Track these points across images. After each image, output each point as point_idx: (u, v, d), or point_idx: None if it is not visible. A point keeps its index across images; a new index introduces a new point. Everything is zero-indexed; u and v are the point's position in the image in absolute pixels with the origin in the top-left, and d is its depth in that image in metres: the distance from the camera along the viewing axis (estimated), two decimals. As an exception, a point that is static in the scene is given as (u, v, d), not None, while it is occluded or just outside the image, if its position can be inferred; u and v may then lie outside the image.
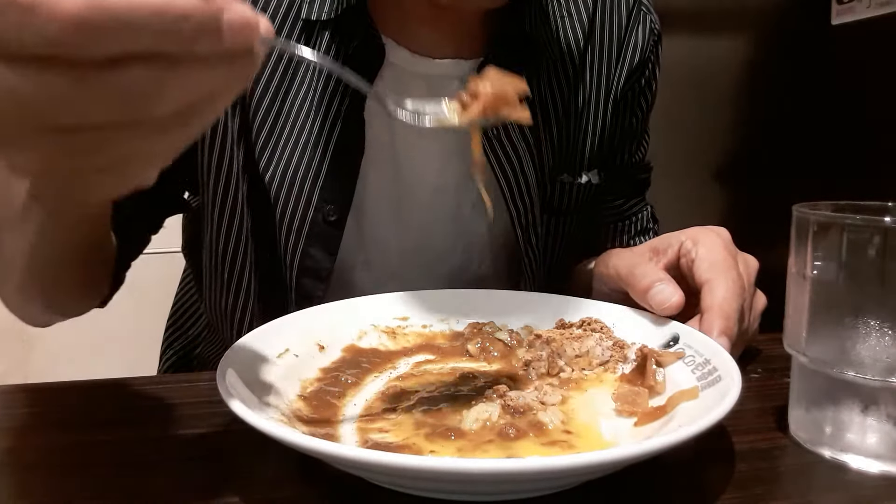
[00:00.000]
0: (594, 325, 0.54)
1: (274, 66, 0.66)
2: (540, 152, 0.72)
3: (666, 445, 0.32)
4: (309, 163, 0.67)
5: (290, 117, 0.67)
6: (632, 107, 0.80)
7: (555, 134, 0.74)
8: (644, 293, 0.54)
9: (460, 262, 0.74)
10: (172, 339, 0.86)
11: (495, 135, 0.69)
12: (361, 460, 0.31)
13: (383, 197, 0.70)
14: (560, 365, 0.50)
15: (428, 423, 0.42)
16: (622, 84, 0.77)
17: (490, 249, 0.75)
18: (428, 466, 0.31)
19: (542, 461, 0.31)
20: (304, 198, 0.66)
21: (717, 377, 0.42)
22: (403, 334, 0.56)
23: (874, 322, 0.38)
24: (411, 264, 0.73)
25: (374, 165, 0.69)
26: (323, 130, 0.66)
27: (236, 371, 0.41)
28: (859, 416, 0.39)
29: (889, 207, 0.41)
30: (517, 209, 0.71)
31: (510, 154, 0.70)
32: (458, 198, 0.72)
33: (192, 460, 0.40)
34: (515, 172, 0.70)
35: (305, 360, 0.49)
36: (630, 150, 0.82)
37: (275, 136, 0.67)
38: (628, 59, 0.77)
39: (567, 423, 0.42)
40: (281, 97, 0.66)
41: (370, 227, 0.71)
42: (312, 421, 0.42)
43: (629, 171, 0.84)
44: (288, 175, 0.66)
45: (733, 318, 0.50)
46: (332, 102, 0.66)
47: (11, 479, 0.40)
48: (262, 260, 0.69)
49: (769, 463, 0.40)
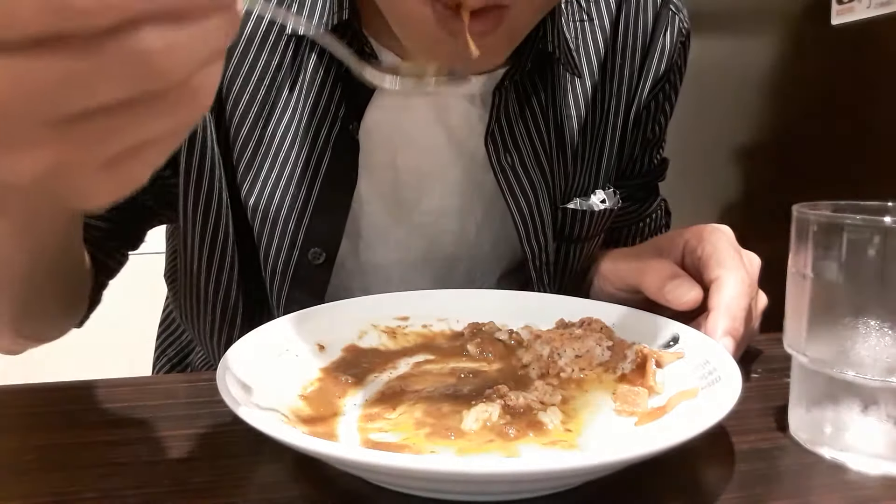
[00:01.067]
0: (594, 325, 0.53)
1: (255, 86, 0.60)
2: (553, 179, 0.67)
3: (666, 445, 0.32)
4: (294, 198, 0.61)
5: (274, 146, 0.61)
6: (655, 116, 0.73)
7: (569, 156, 0.67)
8: (659, 290, 0.52)
9: (464, 286, 0.68)
10: (165, 346, 0.84)
11: (510, 163, 0.64)
12: (361, 460, 0.31)
13: (383, 222, 0.65)
14: (560, 365, 0.50)
15: (428, 423, 0.42)
16: (646, 94, 0.70)
17: (493, 271, 0.70)
18: (428, 466, 0.31)
19: (542, 461, 0.31)
20: (289, 238, 0.61)
21: (717, 377, 0.42)
22: (403, 334, 0.56)
23: (874, 322, 0.38)
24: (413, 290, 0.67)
25: (372, 191, 0.64)
26: (310, 161, 0.61)
27: (236, 371, 0.41)
28: (859, 416, 0.39)
29: (889, 207, 0.41)
30: (531, 248, 0.66)
31: (524, 184, 0.64)
32: (462, 220, 0.67)
33: (192, 460, 0.40)
34: (530, 206, 0.65)
35: (305, 360, 0.49)
36: (650, 157, 0.76)
37: (256, 167, 0.61)
38: (654, 67, 0.69)
39: (567, 423, 0.42)
40: (262, 123, 0.61)
41: (370, 254, 0.66)
42: (312, 421, 0.42)
43: (647, 178, 0.78)
44: (271, 212, 0.61)
45: (740, 319, 0.49)
46: (322, 128, 0.60)
47: (10, 479, 0.40)
48: (249, 293, 0.64)
49: (769, 463, 0.40)
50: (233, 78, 0.60)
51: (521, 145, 0.64)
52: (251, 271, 0.64)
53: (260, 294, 0.64)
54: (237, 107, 0.60)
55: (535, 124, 0.65)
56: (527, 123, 0.65)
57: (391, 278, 0.67)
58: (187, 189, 0.61)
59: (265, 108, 0.61)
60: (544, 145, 0.66)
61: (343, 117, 0.60)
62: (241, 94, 0.60)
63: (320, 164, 0.61)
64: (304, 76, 0.61)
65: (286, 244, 0.62)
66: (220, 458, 0.41)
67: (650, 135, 0.73)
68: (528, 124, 0.65)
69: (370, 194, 0.64)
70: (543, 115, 0.66)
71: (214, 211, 0.61)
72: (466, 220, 0.68)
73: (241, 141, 0.61)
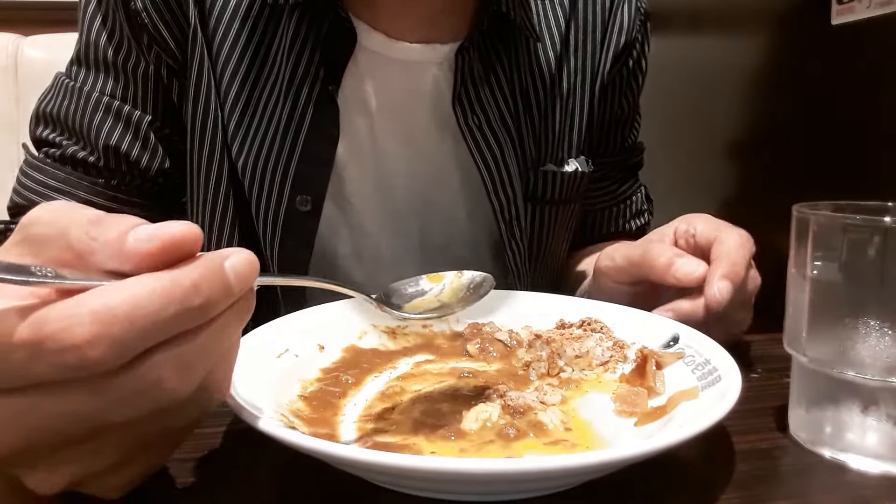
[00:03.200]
0: (594, 325, 0.54)
1: (241, 52, 0.64)
2: (522, 141, 0.71)
3: (666, 445, 0.32)
4: (280, 149, 0.65)
5: (260, 106, 0.65)
6: (622, 91, 0.77)
7: (537, 121, 0.72)
8: (667, 269, 0.53)
9: (447, 253, 0.73)
10: None
11: (477, 124, 0.68)
12: (361, 460, 0.31)
13: (366, 189, 0.69)
14: (560, 365, 0.50)
15: (428, 423, 0.42)
16: (609, 68, 0.75)
17: (473, 242, 0.73)
18: (428, 466, 0.31)
19: (542, 461, 0.31)
20: (277, 187, 0.65)
21: (717, 377, 0.42)
22: (403, 334, 0.56)
23: (874, 322, 0.38)
24: (402, 257, 0.72)
25: (353, 156, 0.67)
26: (294, 115, 0.65)
27: (236, 371, 0.41)
28: (859, 416, 0.39)
29: (889, 207, 0.41)
30: (499, 201, 0.70)
31: (491, 143, 0.68)
32: (438, 187, 0.71)
33: (192, 460, 0.40)
34: (497, 162, 0.69)
35: (305, 360, 0.49)
36: (622, 135, 0.81)
37: (245, 125, 0.65)
38: (614, 41, 0.74)
39: (567, 423, 0.42)
40: (249, 87, 0.65)
41: (356, 219, 0.70)
42: (313, 421, 0.42)
43: (621, 156, 0.82)
44: (260, 163, 0.65)
45: (740, 265, 0.51)
46: (303, 86, 0.64)
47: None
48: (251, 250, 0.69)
49: (769, 463, 0.40)
50: (221, 43, 0.64)
51: (488, 107, 0.68)
52: (248, 232, 0.67)
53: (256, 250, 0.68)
54: (226, 70, 0.64)
55: (500, 88, 0.69)
56: (492, 88, 0.69)
57: (379, 245, 0.71)
58: (192, 147, 0.66)
59: (251, 73, 0.64)
60: (509, 108, 0.70)
61: (323, 79, 0.64)
62: (228, 58, 0.64)
63: (303, 121, 0.65)
64: (285, 42, 0.64)
65: (275, 194, 0.65)
66: (220, 457, 0.41)
67: (618, 110, 0.78)
68: (494, 89, 0.69)
69: (352, 160, 0.68)
70: (508, 79, 0.69)
71: (216, 167, 0.66)
72: (443, 187, 0.71)
73: (231, 102, 0.65)
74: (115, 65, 0.65)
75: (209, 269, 0.27)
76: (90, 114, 0.65)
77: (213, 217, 0.67)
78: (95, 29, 0.66)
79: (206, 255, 0.28)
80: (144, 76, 0.65)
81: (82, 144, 0.66)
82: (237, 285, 0.28)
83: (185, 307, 0.26)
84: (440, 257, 0.72)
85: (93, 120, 0.65)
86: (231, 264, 0.28)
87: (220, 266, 0.27)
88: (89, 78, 0.66)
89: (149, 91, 0.66)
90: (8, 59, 1.27)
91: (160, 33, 0.64)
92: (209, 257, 0.28)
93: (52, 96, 0.67)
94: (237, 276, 0.28)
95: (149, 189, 0.69)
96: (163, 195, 0.70)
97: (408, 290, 0.43)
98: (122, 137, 0.65)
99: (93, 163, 0.66)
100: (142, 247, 0.26)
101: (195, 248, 0.28)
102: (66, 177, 0.65)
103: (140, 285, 0.25)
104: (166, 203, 0.71)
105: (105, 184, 0.66)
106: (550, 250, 0.76)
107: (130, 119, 0.65)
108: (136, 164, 0.66)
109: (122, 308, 0.24)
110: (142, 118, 0.66)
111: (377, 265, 0.72)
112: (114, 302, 0.24)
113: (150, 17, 0.63)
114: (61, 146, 0.66)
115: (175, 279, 0.26)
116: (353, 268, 0.71)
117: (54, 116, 0.66)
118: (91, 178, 0.66)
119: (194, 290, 0.26)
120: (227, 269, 0.28)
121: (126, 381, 0.25)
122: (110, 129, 0.65)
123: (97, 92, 0.66)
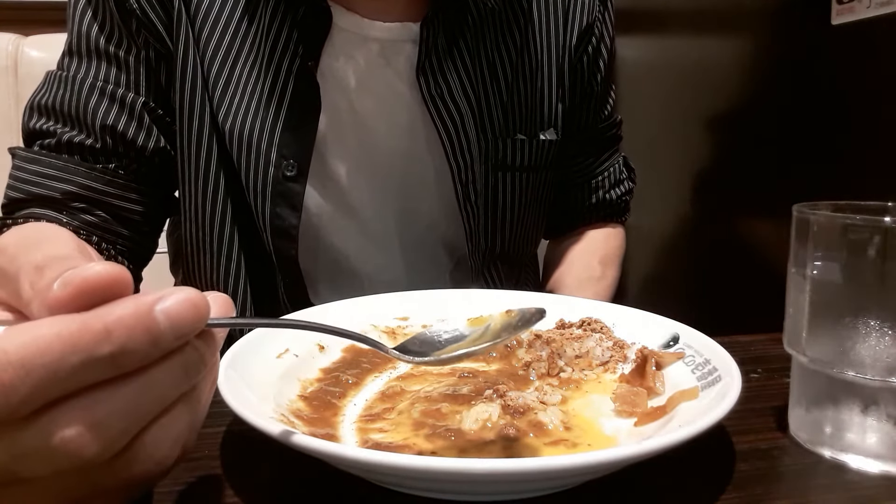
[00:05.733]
0: (594, 325, 0.54)
1: (224, 26, 0.67)
2: (482, 110, 0.74)
3: (666, 445, 0.32)
4: (264, 117, 0.68)
5: (242, 82, 0.68)
6: (590, 69, 0.82)
7: (504, 92, 0.75)
8: None
9: (428, 221, 0.76)
10: None
11: (438, 93, 0.71)
12: (361, 460, 0.31)
13: (349, 160, 0.72)
14: (560, 365, 0.50)
15: (428, 423, 0.42)
16: (574, 45, 0.79)
17: (441, 204, 0.76)
18: (428, 466, 0.31)
19: (542, 461, 0.31)
20: (263, 154, 0.68)
21: (717, 377, 0.42)
22: (403, 334, 0.56)
23: (874, 322, 0.38)
24: (390, 227, 0.75)
25: (334, 129, 0.70)
26: (276, 88, 0.68)
27: (236, 371, 0.41)
28: (859, 416, 0.39)
29: (889, 207, 0.41)
30: (457, 164, 0.73)
31: (452, 110, 0.71)
32: (413, 159, 0.74)
33: (192, 460, 0.40)
34: (457, 128, 0.72)
35: (305, 360, 0.49)
36: (594, 109, 0.85)
37: (228, 99, 0.68)
38: (577, 21, 0.79)
39: (567, 423, 0.42)
40: (233, 56, 0.68)
41: (340, 191, 0.72)
42: (313, 421, 0.42)
43: (596, 131, 0.86)
44: (245, 131, 0.68)
45: None
46: (283, 62, 0.68)
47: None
48: (244, 226, 0.71)
49: (769, 463, 0.40)
50: (202, 23, 0.67)
51: (450, 78, 0.72)
52: (240, 202, 0.70)
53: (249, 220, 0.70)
54: (208, 48, 0.68)
55: (463, 61, 0.72)
56: (454, 61, 0.72)
57: (366, 216, 0.74)
58: (181, 126, 0.69)
59: (233, 49, 0.68)
60: (472, 79, 0.73)
61: (302, 55, 0.68)
62: (210, 37, 0.68)
63: (285, 91, 0.68)
64: (264, 22, 0.68)
65: (262, 162, 0.68)
66: (220, 458, 0.41)
67: (587, 87, 0.83)
68: (457, 61, 0.72)
69: (333, 133, 0.70)
70: (471, 53, 0.73)
71: (206, 144, 0.69)
72: (416, 156, 0.74)
73: (213, 78, 0.68)
74: (106, 52, 0.68)
75: (129, 313, 0.23)
76: (85, 98, 0.67)
77: (206, 192, 0.70)
78: (87, 21, 0.68)
79: (135, 297, 0.24)
80: (136, 61, 0.68)
81: (78, 129, 0.67)
82: (170, 332, 0.24)
83: (92, 356, 0.22)
84: (416, 220, 0.76)
85: (88, 103, 0.67)
86: (163, 308, 0.24)
87: (146, 309, 0.24)
88: (82, 66, 0.68)
89: (140, 75, 0.68)
90: (8, 59, 1.27)
91: (148, 17, 0.67)
92: (136, 299, 0.24)
93: (45, 89, 0.69)
94: (170, 321, 0.24)
95: (146, 173, 0.70)
96: (160, 181, 0.72)
97: (443, 337, 0.41)
98: (118, 117, 0.67)
99: (90, 146, 0.67)
100: (58, 293, 0.24)
101: (121, 291, 0.25)
102: (63, 164, 0.66)
103: (46, 328, 0.22)
104: (164, 190, 0.73)
105: (102, 168, 0.67)
106: (518, 218, 0.79)
107: (125, 101, 0.67)
108: (132, 144, 0.68)
109: (18, 354, 0.22)
110: (135, 100, 0.68)
111: (365, 237, 0.75)
112: (11, 347, 0.22)
113: (139, 2, 0.66)
114: (56, 134, 0.67)
115: (85, 323, 0.23)
116: (343, 240, 0.74)
117: (48, 106, 0.68)
118: (88, 163, 0.67)
119: (105, 337, 0.23)
120: (157, 313, 0.24)
121: (27, 436, 0.23)
122: (106, 110, 0.67)
123: (91, 78, 0.68)
